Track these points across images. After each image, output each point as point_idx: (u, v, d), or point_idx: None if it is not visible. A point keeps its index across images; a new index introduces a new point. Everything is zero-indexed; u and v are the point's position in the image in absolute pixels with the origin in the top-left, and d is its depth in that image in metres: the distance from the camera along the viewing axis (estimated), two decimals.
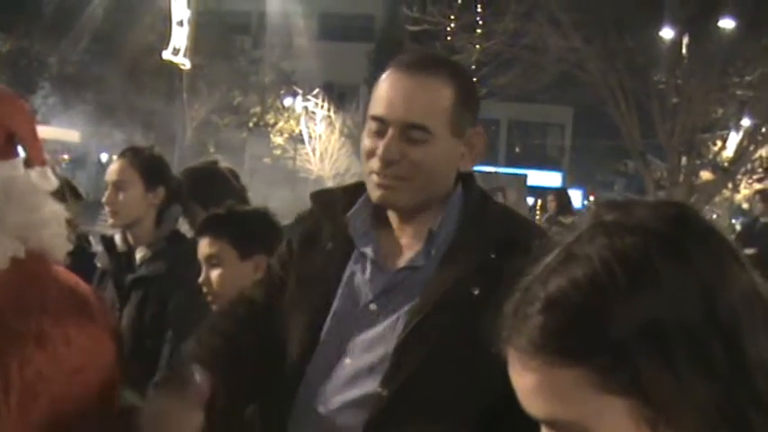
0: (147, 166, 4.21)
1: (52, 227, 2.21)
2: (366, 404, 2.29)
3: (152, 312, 3.97)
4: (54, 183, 2.24)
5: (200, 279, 3.37)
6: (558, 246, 1.19)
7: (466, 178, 2.47)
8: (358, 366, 2.33)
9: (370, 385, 2.30)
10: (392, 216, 2.45)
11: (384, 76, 2.39)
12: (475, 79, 24.23)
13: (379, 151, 2.32)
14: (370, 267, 2.42)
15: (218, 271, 3.36)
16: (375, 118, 2.36)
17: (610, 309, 1.09)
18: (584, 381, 1.10)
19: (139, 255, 4.16)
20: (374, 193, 2.38)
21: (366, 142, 2.37)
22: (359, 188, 2.50)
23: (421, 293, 2.31)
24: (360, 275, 2.42)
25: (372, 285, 2.39)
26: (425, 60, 2.44)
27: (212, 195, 4.46)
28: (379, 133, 2.34)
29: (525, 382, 1.15)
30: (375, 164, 2.34)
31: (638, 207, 1.20)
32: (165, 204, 4.24)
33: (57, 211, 2.24)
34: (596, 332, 1.09)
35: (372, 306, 2.37)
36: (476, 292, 2.25)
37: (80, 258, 3.56)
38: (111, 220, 4.18)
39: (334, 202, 2.52)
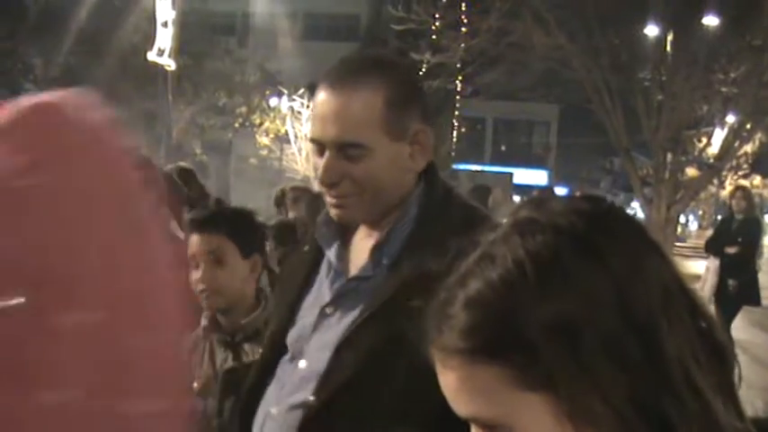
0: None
1: None
2: (303, 409, 2.32)
3: None
4: None
5: (199, 277, 3.24)
6: (480, 246, 1.22)
7: (429, 174, 2.43)
8: (309, 369, 2.34)
9: (310, 390, 2.31)
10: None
11: (316, 93, 2.36)
12: (461, 77, 24.26)
13: (320, 173, 2.34)
14: (332, 272, 2.43)
15: (224, 267, 3.25)
16: (312, 140, 2.35)
17: (522, 307, 1.12)
18: (502, 378, 1.12)
19: None
20: (332, 213, 2.39)
21: (314, 161, 2.37)
22: None
23: (369, 303, 2.30)
24: (325, 279, 2.45)
25: (331, 290, 2.41)
26: (350, 71, 2.37)
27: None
28: (320, 154, 2.33)
29: (448, 380, 1.18)
30: (322, 184, 2.37)
31: (553, 203, 1.22)
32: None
33: None
34: (510, 331, 1.12)
35: (328, 309, 2.38)
36: (415, 303, 2.20)
37: None
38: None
39: (320, 207, 2.57)
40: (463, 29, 21.80)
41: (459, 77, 23.35)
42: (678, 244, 26.81)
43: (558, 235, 1.15)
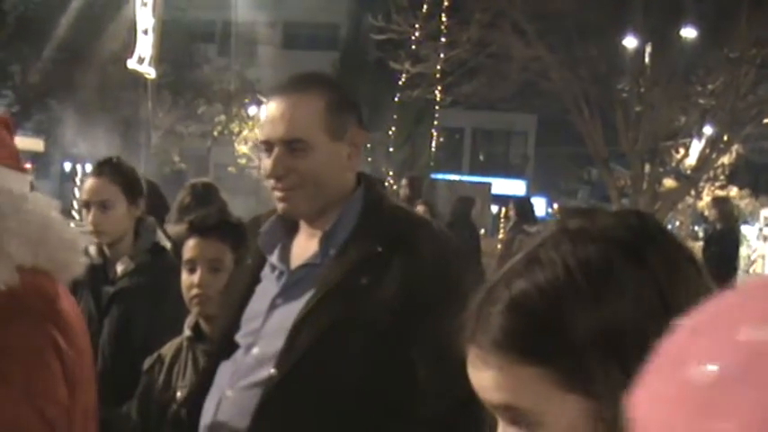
0: (128, 180, 4.15)
1: (63, 243, 2.22)
2: (268, 385, 2.48)
3: (139, 324, 3.92)
4: (55, 203, 2.27)
5: (196, 280, 3.24)
6: (523, 249, 1.24)
7: (366, 180, 2.74)
8: (262, 353, 2.54)
9: (268, 369, 2.49)
10: (302, 224, 2.72)
11: (268, 104, 2.66)
12: (440, 87, 24.30)
13: (268, 168, 2.60)
14: (276, 271, 2.68)
15: (219, 275, 3.24)
16: (263, 142, 2.66)
17: (570, 313, 1.14)
18: (541, 378, 1.14)
19: (121, 267, 4.10)
20: (278, 207, 2.65)
21: (264, 164, 2.66)
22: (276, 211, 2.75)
23: (316, 284, 2.52)
24: (270, 280, 2.69)
25: (278, 284, 2.65)
26: (296, 82, 2.71)
27: None
28: (269, 154, 2.61)
29: (483, 376, 1.19)
30: (271, 181, 2.61)
31: (602, 215, 1.25)
32: (141, 215, 4.20)
33: (68, 230, 2.25)
34: (556, 335, 1.14)
35: (278, 300, 2.61)
36: (364, 282, 2.48)
37: None
38: (95, 239, 4.11)
39: (258, 224, 2.78)
40: (443, 39, 21.84)
41: (439, 87, 23.36)
42: None
43: (610, 245, 1.18)
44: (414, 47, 22.24)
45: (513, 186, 42.41)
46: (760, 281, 0.67)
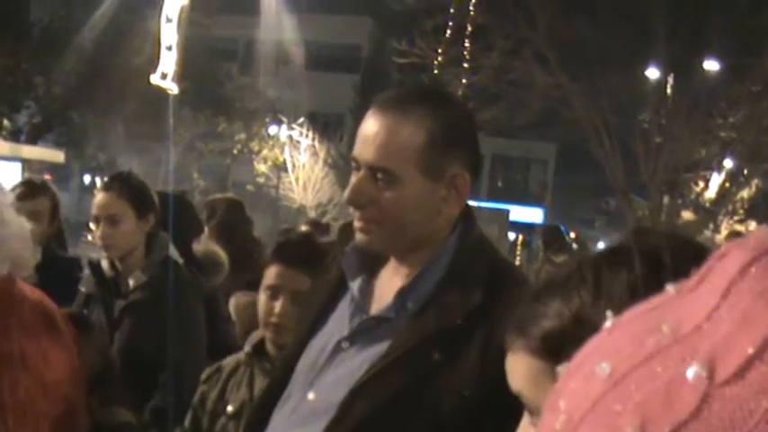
0: (137, 195, 4.14)
1: (20, 241, 2.20)
2: None
3: (149, 337, 3.93)
4: (10, 196, 2.25)
5: (277, 309, 3.14)
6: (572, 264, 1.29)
7: (466, 220, 2.35)
8: (318, 403, 2.29)
9: (322, 425, 2.24)
10: (390, 257, 2.38)
11: (367, 112, 2.29)
12: None
13: (347, 193, 2.27)
14: (353, 305, 2.36)
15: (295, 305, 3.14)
16: (352, 157, 2.30)
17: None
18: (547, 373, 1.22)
19: (133, 281, 4.12)
20: (356, 236, 2.31)
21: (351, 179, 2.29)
22: None
23: (387, 346, 2.22)
24: (346, 310, 2.37)
25: (351, 323, 2.33)
26: (404, 97, 2.32)
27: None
28: (356, 172, 2.27)
29: (520, 374, 1.28)
30: (347, 204, 2.31)
31: (658, 237, 1.25)
32: (153, 229, 4.21)
33: (23, 225, 2.24)
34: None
35: (345, 344, 2.31)
36: (436, 357, 2.16)
37: (53, 278, 3.51)
38: (105, 253, 4.11)
39: (350, 235, 2.43)
40: (465, 65, 21.88)
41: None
42: None
43: (659, 268, 1.19)
44: (436, 71, 22.29)
45: (531, 214, 42.40)
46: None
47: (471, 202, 2.48)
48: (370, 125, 2.24)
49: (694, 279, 0.64)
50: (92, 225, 4.11)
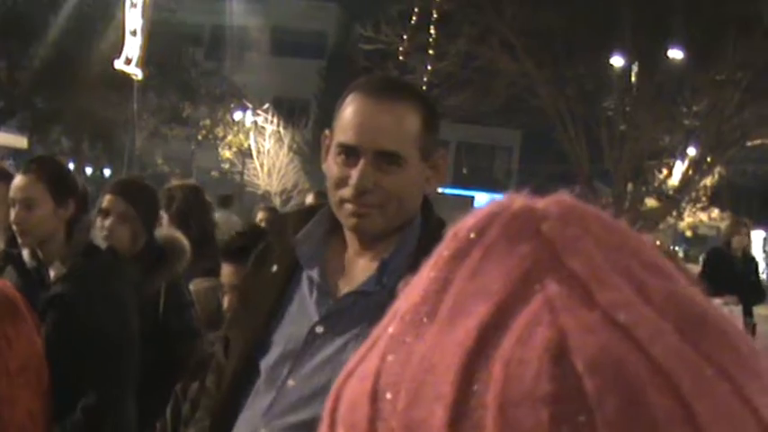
0: (56, 179, 3.87)
1: None
2: (311, 429, 2.16)
3: (74, 332, 3.68)
4: None
5: (226, 306, 3.18)
6: None
7: (424, 204, 2.44)
8: (303, 390, 2.29)
9: (317, 409, 2.04)
10: (351, 240, 2.40)
11: (348, 100, 2.32)
12: None
13: (353, 180, 2.28)
14: (316, 290, 2.37)
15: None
16: (345, 146, 2.30)
17: None
18: None
19: (53, 272, 3.83)
20: (348, 221, 2.33)
21: (335, 170, 2.31)
22: (311, 212, 2.49)
23: (372, 321, 2.20)
24: (308, 298, 2.37)
25: (319, 308, 2.34)
26: (391, 85, 2.43)
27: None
28: (350, 161, 2.29)
29: None
30: (347, 192, 2.30)
31: None
32: (74, 217, 3.89)
33: None
34: None
35: (318, 329, 2.32)
36: None
37: None
38: (20, 240, 3.84)
39: (285, 226, 2.49)
40: (431, 51, 21.87)
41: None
42: None
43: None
44: (401, 58, 22.27)
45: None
46: None
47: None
48: (368, 112, 2.31)
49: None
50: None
